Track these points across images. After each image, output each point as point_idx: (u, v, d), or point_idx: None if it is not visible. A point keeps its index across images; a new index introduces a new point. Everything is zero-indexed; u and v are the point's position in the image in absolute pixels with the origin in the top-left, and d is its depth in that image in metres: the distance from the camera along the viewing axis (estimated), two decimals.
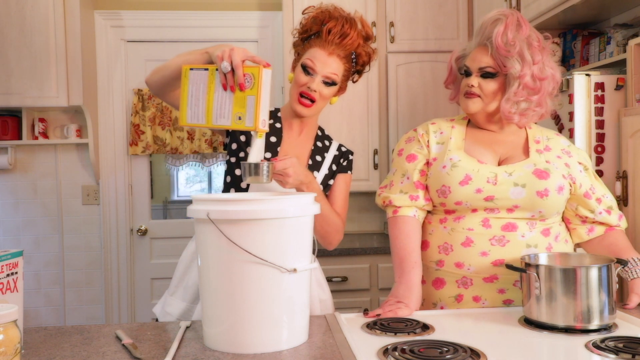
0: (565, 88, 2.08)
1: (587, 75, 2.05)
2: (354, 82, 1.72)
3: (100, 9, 3.45)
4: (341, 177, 1.72)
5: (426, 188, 1.58)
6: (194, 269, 1.65)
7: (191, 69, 1.41)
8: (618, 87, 2.04)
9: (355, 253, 3.00)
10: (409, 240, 1.54)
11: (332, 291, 2.96)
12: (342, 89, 1.67)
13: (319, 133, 1.75)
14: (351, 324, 1.34)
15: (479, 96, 1.54)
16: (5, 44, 3.02)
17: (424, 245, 1.58)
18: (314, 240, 1.25)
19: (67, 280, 3.46)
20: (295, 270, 1.16)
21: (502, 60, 1.50)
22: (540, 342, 1.22)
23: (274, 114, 1.72)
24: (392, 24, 3.23)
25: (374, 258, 3.01)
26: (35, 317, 3.43)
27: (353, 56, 1.63)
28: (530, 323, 1.32)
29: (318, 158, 1.69)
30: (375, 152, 3.26)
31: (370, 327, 1.30)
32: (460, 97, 1.61)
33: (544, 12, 2.41)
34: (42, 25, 3.04)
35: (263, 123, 1.35)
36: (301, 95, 1.59)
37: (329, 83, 1.59)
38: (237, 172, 1.63)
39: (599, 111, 2.05)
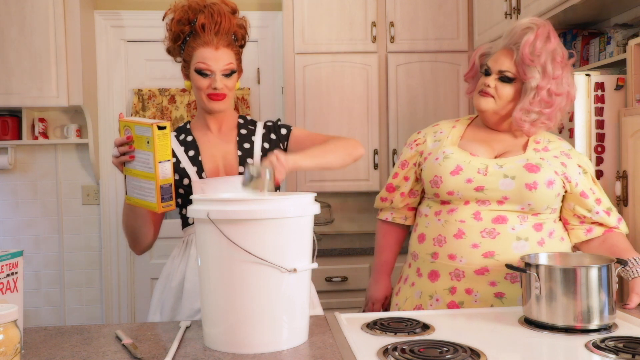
0: None
1: (587, 75, 2.05)
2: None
3: (100, 9, 3.45)
4: (294, 135, 1.73)
5: (396, 189, 1.74)
6: (167, 289, 1.65)
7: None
8: (618, 87, 2.04)
9: (355, 253, 3.00)
10: (384, 239, 1.81)
11: (332, 291, 2.98)
12: (240, 72, 1.69)
13: (241, 121, 1.75)
14: (351, 324, 1.34)
15: (493, 97, 1.58)
16: (5, 44, 3.02)
17: (421, 238, 1.63)
18: (314, 240, 1.25)
19: (67, 280, 3.46)
20: (295, 270, 1.16)
21: (524, 68, 1.53)
22: (540, 342, 1.22)
23: (183, 129, 1.73)
24: (392, 24, 3.23)
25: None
26: (35, 317, 3.43)
27: (234, 37, 1.65)
28: (530, 323, 1.32)
29: (246, 145, 1.69)
30: (375, 152, 3.26)
31: (370, 327, 1.30)
32: (475, 93, 1.64)
33: (544, 12, 2.41)
34: (42, 25, 3.04)
35: (163, 175, 1.36)
36: (209, 96, 1.61)
37: (229, 74, 1.61)
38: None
39: (599, 111, 2.05)
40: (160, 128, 1.32)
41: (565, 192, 1.56)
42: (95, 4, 3.44)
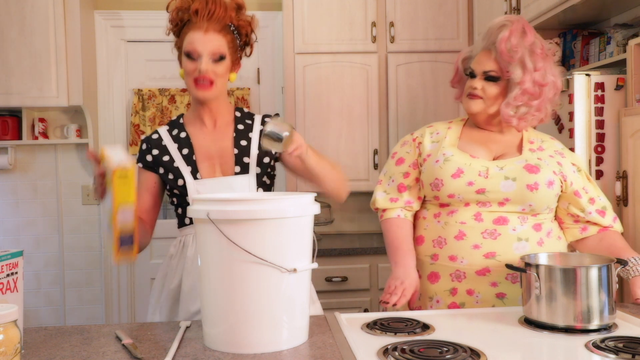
0: (565, 88, 2.08)
1: (587, 75, 2.05)
2: (247, 55, 1.68)
3: (100, 9, 3.45)
4: None
5: (407, 189, 1.65)
6: (165, 291, 1.63)
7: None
8: (618, 87, 2.04)
9: (355, 253, 3.00)
10: (400, 230, 1.63)
11: (332, 291, 2.98)
12: (235, 64, 1.63)
13: (238, 114, 1.68)
14: (351, 324, 1.34)
15: (481, 98, 1.58)
16: (5, 44, 3.02)
17: (419, 240, 1.63)
18: (314, 240, 1.25)
19: (67, 280, 3.46)
20: (295, 270, 1.16)
21: (505, 66, 1.54)
22: (540, 342, 1.22)
23: (176, 123, 1.68)
24: (392, 24, 3.23)
25: (374, 258, 3.01)
26: (35, 317, 3.43)
27: (232, 28, 1.60)
28: (530, 323, 1.32)
29: (243, 142, 1.63)
30: (375, 152, 3.26)
31: (370, 327, 1.30)
32: (463, 97, 1.65)
33: (544, 12, 2.41)
34: (42, 25, 3.04)
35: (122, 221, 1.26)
36: (196, 81, 1.55)
37: (218, 59, 1.55)
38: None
39: (599, 111, 2.05)
40: (122, 172, 1.22)
41: (561, 191, 1.56)
42: (95, 4, 3.44)
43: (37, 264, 3.43)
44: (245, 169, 1.60)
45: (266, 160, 1.63)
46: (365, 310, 2.94)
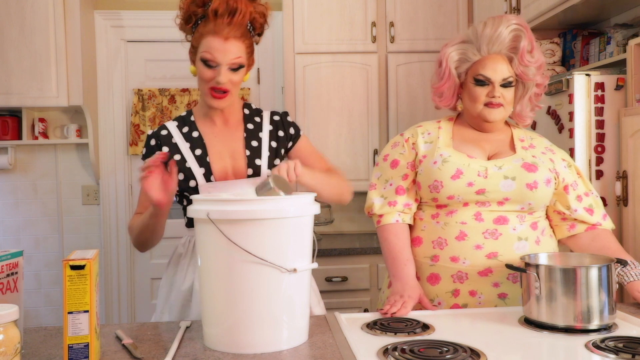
0: (565, 88, 2.09)
1: (587, 75, 2.05)
2: (257, 44, 1.65)
3: (100, 9, 3.45)
4: (301, 144, 1.67)
5: (406, 192, 1.62)
6: (175, 292, 1.61)
7: None
8: (618, 87, 2.04)
9: (355, 253, 3.00)
10: (398, 239, 1.60)
11: (332, 291, 2.98)
12: (250, 65, 1.60)
13: (247, 112, 1.65)
14: (351, 324, 1.34)
15: (503, 106, 1.57)
16: (5, 44, 3.02)
17: (417, 241, 1.60)
18: (314, 240, 1.25)
19: None
20: (295, 270, 1.16)
21: (524, 70, 1.56)
22: (540, 342, 1.22)
23: (186, 120, 1.62)
24: (392, 24, 3.23)
25: (374, 258, 3.01)
26: (35, 317, 3.43)
27: (250, 27, 1.56)
28: (530, 323, 1.32)
29: (254, 143, 1.61)
30: (375, 152, 3.26)
31: (370, 327, 1.30)
32: (476, 105, 1.57)
33: (544, 12, 2.41)
34: (42, 25, 3.04)
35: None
36: (212, 91, 1.51)
37: (236, 68, 1.50)
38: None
39: (599, 111, 2.05)
40: (75, 268, 1.01)
41: (555, 188, 1.57)
42: (95, 4, 3.44)
43: (37, 264, 3.43)
44: (257, 172, 1.59)
45: (277, 162, 1.63)
46: (365, 310, 2.94)
